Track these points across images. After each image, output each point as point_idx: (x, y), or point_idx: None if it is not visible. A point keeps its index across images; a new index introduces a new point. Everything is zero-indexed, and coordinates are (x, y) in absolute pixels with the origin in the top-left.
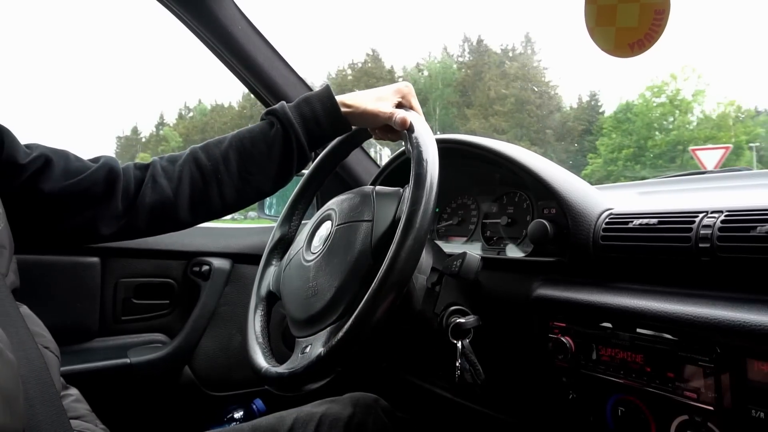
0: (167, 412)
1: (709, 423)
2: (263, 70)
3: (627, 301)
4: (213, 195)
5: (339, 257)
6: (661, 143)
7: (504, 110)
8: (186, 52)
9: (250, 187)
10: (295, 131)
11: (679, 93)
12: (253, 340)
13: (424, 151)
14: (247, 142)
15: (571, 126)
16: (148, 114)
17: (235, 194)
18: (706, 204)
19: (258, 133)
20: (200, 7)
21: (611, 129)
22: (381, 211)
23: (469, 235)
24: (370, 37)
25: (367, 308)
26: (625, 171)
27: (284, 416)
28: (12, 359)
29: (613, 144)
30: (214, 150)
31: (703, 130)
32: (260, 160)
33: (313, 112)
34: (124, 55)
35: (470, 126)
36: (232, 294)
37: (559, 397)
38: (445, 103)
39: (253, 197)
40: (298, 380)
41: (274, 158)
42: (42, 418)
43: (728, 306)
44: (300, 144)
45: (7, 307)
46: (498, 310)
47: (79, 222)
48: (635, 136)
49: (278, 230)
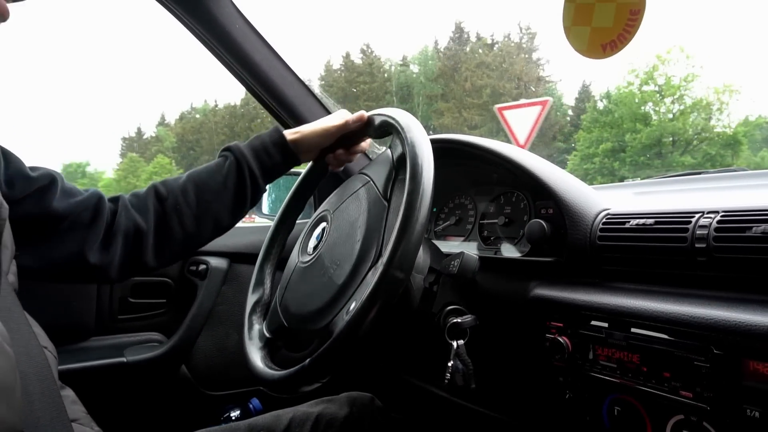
0: (164, 411)
1: (705, 422)
2: (260, 69)
3: (624, 301)
4: (174, 225)
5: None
6: (643, 137)
7: (478, 103)
8: (195, 52)
9: (209, 216)
10: (248, 161)
11: (670, 79)
12: (248, 341)
13: (418, 149)
14: (204, 175)
15: (555, 120)
16: (153, 115)
17: (195, 223)
18: (703, 204)
19: (213, 167)
20: (198, 5)
21: (590, 122)
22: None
23: (466, 235)
24: (362, 30)
25: (358, 316)
26: (603, 169)
27: (281, 415)
28: (9, 352)
29: (591, 138)
30: (173, 184)
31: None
32: (216, 189)
33: (263, 144)
34: (133, 56)
35: (443, 121)
36: (229, 293)
37: (556, 396)
38: (427, 98)
39: (212, 227)
40: (292, 382)
41: (229, 187)
42: (41, 414)
43: (724, 306)
44: (252, 174)
45: (9, 303)
46: (495, 310)
47: (72, 246)
48: (616, 129)
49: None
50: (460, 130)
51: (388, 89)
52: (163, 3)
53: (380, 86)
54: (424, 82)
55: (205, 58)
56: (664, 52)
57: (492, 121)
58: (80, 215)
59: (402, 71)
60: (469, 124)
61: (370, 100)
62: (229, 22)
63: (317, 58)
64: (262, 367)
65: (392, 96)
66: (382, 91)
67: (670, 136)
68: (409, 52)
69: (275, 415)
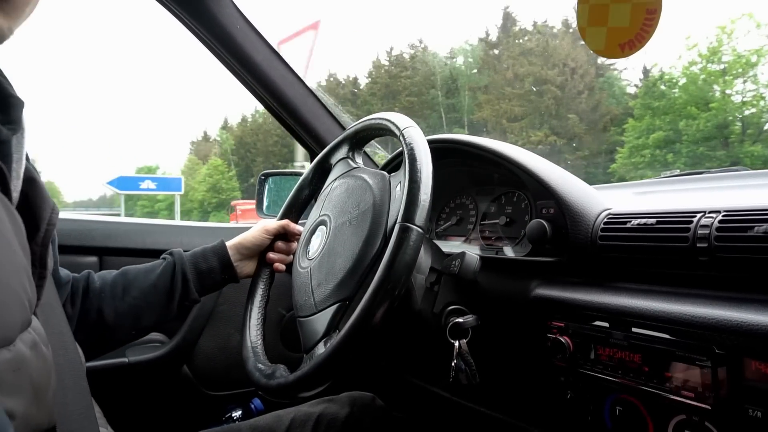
0: (165, 411)
1: (707, 422)
2: (261, 70)
3: (625, 300)
4: (92, 314)
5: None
6: (701, 123)
7: (519, 93)
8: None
9: (131, 312)
10: (183, 265)
11: (738, 54)
12: (248, 345)
13: (417, 159)
14: (136, 271)
15: (607, 110)
16: (218, 119)
17: (114, 315)
18: (704, 204)
19: (150, 266)
20: (199, 6)
21: (641, 109)
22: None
23: (467, 235)
24: (410, 24)
25: (355, 325)
26: (654, 162)
27: (282, 415)
28: (47, 354)
29: (640, 128)
30: (107, 276)
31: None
32: (145, 288)
33: (203, 251)
34: (204, 61)
35: (481, 114)
36: (231, 293)
37: (557, 396)
38: (471, 91)
39: (131, 321)
40: (287, 390)
41: (159, 288)
42: (73, 408)
43: (726, 306)
44: (185, 278)
45: (51, 300)
46: (496, 310)
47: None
48: (671, 115)
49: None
50: (498, 123)
51: (433, 83)
52: (163, 3)
53: (424, 80)
54: (468, 74)
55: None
56: (729, 22)
57: (534, 113)
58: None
59: (447, 64)
60: (509, 116)
61: (413, 95)
62: (230, 22)
63: (365, 55)
64: (257, 370)
65: (437, 90)
66: (426, 85)
67: (739, 122)
68: (456, 43)
69: (276, 415)
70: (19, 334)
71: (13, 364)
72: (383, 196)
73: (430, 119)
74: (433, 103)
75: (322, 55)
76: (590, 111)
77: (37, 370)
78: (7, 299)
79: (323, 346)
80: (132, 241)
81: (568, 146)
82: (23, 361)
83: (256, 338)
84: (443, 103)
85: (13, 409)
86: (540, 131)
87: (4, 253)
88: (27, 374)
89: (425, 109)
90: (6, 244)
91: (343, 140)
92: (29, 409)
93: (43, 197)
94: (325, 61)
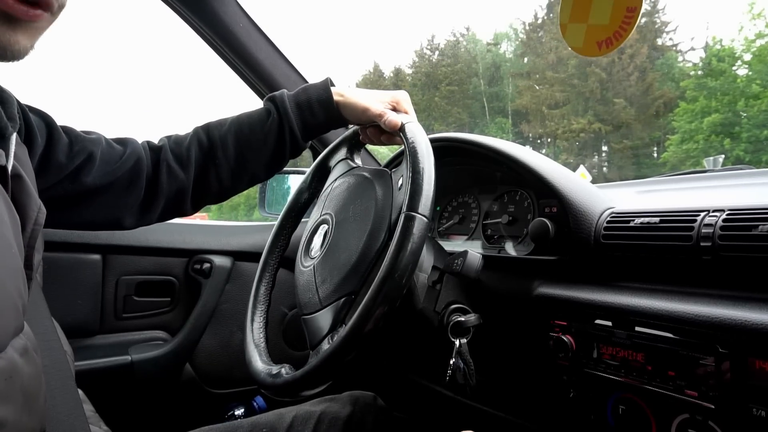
0: (168, 409)
1: (710, 421)
2: (264, 68)
3: (628, 299)
4: (211, 179)
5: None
6: (764, 104)
7: (562, 77)
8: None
9: (245, 172)
10: (290, 121)
11: None
12: (251, 344)
13: (419, 152)
14: (246, 128)
15: (660, 93)
16: None
17: (231, 178)
18: (708, 203)
19: (256, 121)
20: (202, 4)
21: (694, 89)
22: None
23: (469, 234)
24: (451, 11)
25: (362, 318)
26: (710, 149)
27: (284, 414)
28: (37, 360)
29: (693, 111)
30: (215, 132)
31: None
32: (256, 147)
33: (308, 102)
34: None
35: (521, 102)
36: (233, 291)
37: (560, 395)
38: (513, 78)
39: (247, 182)
40: (294, 387)
41: (269, 145)
42: (61, 409)
43: (730, 305)
44: (293, 133)
45: (36, 298)
46: (499, 309)
47: (108, 213)
48: (729, 95)
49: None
50: (538, 110)
51: (475, 71)
52: (166, 1)
53: (465, 68)
54: (512, 60)
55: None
56: None
57: (578, 98)
58: (117, 184)
59: (489, 50)
60: (548, 103)
61: (453, 84)
62: (233, 20)
63: (408, 45)
64: (262, 369)
65: (479, 78)
66: (467, 73)
67: None
68: (501, 27)
69: (278, 414)
70: (11, 341)
71: (4, 372)
72: (385, 191)
73: (473, 108)
74: (476, 92)
75: (367, 47)
76: (641, 95)
77: (28, 376)
78: (3, 304)
79: (330, 341)
80: (136, 239)
81: (614, 134)
82: (14, 369)
83: (260, 337)
84: (486, 92)
85: (4, 417)
86: (583, 118)
87: (4, 254)
88: (18, 382)
89: (467, 98)
90: (6, 245)
91: (341, 142)
92: (20, 416)
93: (30, 195)
94: (369, 53)
